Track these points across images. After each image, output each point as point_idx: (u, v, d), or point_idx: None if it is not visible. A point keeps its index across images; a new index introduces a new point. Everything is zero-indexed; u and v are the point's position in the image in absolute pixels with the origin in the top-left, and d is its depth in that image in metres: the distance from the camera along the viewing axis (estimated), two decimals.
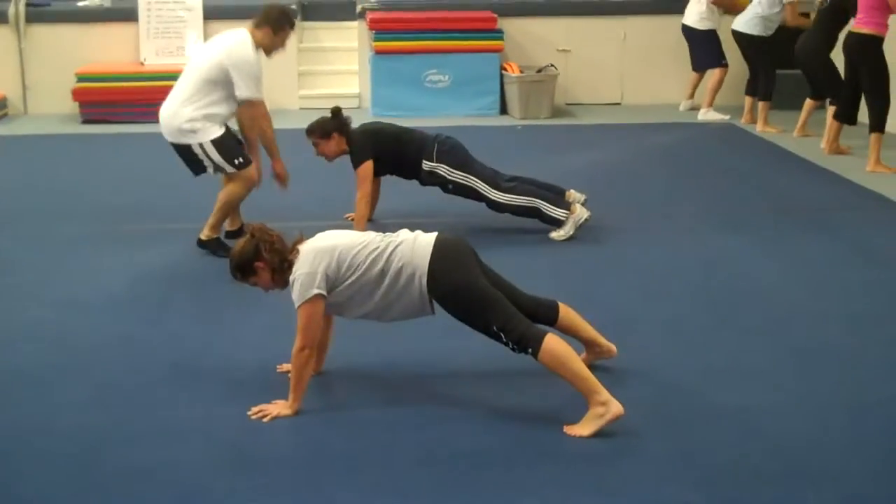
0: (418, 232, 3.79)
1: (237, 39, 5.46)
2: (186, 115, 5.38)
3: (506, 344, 3.62)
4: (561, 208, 5.84)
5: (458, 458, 3.43)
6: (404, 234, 3.79)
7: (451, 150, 5.92)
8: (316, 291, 3.64)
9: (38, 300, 4.94)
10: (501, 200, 5.82)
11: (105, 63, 9.79)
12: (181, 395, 3.90)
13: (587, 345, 4.05)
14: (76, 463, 3.40)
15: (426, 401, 3.82)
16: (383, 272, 3.67)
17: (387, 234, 3.82)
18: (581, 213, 5.84)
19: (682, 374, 4.08)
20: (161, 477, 3.31)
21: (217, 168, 5.46)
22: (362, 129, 6.01)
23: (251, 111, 5.49)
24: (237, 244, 3.85)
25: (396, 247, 3.70)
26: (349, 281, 3.68)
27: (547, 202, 5.83)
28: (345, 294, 3.70)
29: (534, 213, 5.85)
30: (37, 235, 5.97)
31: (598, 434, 3.50)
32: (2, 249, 5.75)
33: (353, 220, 6.02)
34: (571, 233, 5.81)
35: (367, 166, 5.82)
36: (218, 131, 5.43)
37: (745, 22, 9.07)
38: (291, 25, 5.63)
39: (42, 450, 3.49)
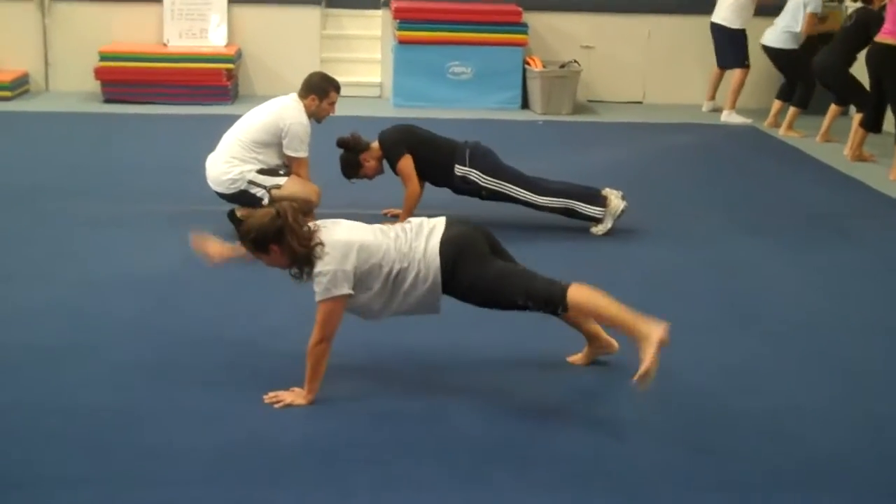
0: (427, 233, 3.72)
1: (290, 103, 5.58)
2: (235, 173, 5.47)
3: (536, 310, 3.63)
4: (596, 206, 5.81)
5: (472, 452, 3.41)
6: (415, 237, 3.71)
7: (483, 155, 5.87)
8: (346, 291, 3.60)
9: (54, 278, 4.94)
10: (539, 203, 5.80)
11: (128, 43, 9.78)
12: (197, 378, 3.90)
13: (589, 338, 4.05)
14: (91, 443, 3.40)
15: (441, 394, 3.81)
16: (401, 279, 3.65)
17: (398, 230, 3.75)
18: (617, 204, 5.82)
19: (701, 376, 4.06)
20: (176, 460, 3.30)
21: (271, 190, 5.46)
22: (392, 129, 5.94)
23: (296, 168, 5.56)
24: (259, 214, 3.68)
25: (411, 254, 3.65)
26: (368, 282, 3.64)
27: (581, 202, 5.81)
28: (364, 296, 3.66)
29: (569, 213, 5.83)
30: (54, 213, 5.96)
31: (614, 433, 3.50)
32: (19, 226, 5.75)
33: (389, 214, 5.93)
34: (610, 226, 5.80)
35: (406, 161, 5.75)
36: (260, 166, 5.52)
37: (775, 37, 9.00)
38: (336, 88, 5.67)
39: (57, 429, 3.48)
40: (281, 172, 5.52)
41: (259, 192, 5.45)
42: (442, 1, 10.01)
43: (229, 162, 5.49)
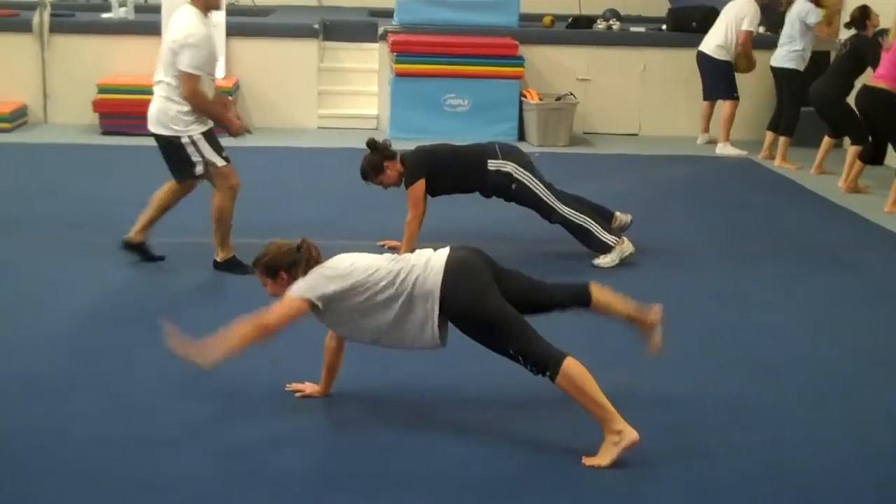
0: (430, 254, 3.71)
1: (181, 18, 5.34)
2: (174, 107, 5.37)
3: (524, 365, 3.57)
4: (613, 234, 5.86)
5: (471, 485, 3.41)
6: (416, 257, 3.71)
7: (516, 151, 6.01)
8: (311, 295, 3.59)
9: (53, 309, 4.94)
10: (562, 211, 5.82)
11: (126, 75, 9.82)
12: (195, 407, 3.90)
13: (631, 322, 3.98)
14: (90, 473, 3.40)
15: (440, 426, 3.81)
16: (395, 297, 3.61)
17: (398, 257, 3.77)
18: (627, 246, 5.86)
19: (697, 408, 4.06)
20: (174, 488, 3.31)
21: (207, 164, 5.39)
22: (416, 149, 5.99)
23: (184, 83, 5.32)
24: (282, 243, 3.78)
25: (409, 272, 3.63)
26: (359, 300, 3.62)
27: (599, 227, 5.84)
28: (354, 314, 3.64)
29: (584, 232, 5.85)
30: (53, 244, 5.98)
31: (614, 464, 3.48)
32: (18, 257, 5.77)
33: (387, 246, 5.88)
34: (616, 262, 5.82)
35: (419, 186, 5.77)
36: (205, 126, 5.43)
37: (782, 57, 9.09)
38: None
39: (55, 459, 3.48)
40: (223, 154, 5.45)
41: (195, 156, 5.38)
42: (439, 34, 10.08)
43: (167, 99, 5.37)
